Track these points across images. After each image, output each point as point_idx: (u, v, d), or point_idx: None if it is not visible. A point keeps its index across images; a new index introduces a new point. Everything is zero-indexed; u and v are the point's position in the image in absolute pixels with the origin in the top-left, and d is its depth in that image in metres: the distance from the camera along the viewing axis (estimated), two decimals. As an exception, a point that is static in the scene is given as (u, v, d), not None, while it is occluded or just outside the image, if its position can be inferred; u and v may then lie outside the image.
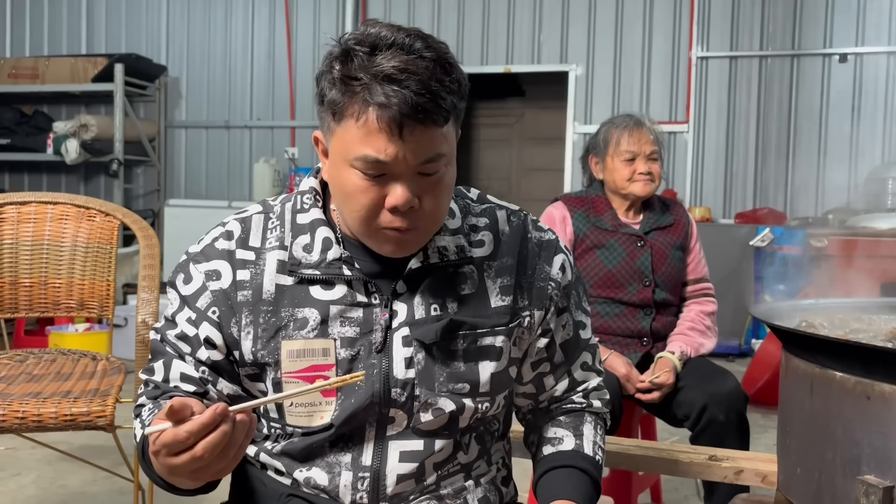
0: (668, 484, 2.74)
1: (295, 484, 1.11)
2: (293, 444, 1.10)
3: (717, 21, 5.88)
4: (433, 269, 1.08)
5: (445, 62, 0.98)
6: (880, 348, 1.11)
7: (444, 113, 0.97)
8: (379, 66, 0.95)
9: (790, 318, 1.38)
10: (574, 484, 1.13)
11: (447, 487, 1.11)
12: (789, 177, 5.81)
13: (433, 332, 1.06)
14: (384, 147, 0.96)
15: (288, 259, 1.08)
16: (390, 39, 0.96)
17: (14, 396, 1.79)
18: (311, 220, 1.10)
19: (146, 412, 1.09)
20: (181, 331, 1.09)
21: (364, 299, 1.07)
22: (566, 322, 1.17)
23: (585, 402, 1.22)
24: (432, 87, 0.95)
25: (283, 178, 6.58)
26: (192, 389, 1.08)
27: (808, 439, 1.21)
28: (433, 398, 1.07)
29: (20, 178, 7.37)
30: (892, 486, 1.06)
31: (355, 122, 0.96)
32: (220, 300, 1.08)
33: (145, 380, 1.11)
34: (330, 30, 6.66)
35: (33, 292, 2.18)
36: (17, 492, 2.65)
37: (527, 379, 1.19)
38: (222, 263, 1.10)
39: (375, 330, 1.07)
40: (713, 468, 1.54)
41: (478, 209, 1.15)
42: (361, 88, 0.95)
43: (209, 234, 1.14)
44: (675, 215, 2.33)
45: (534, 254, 1.14)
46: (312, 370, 1.06)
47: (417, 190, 1.00)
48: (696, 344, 2.20)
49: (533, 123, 7.55)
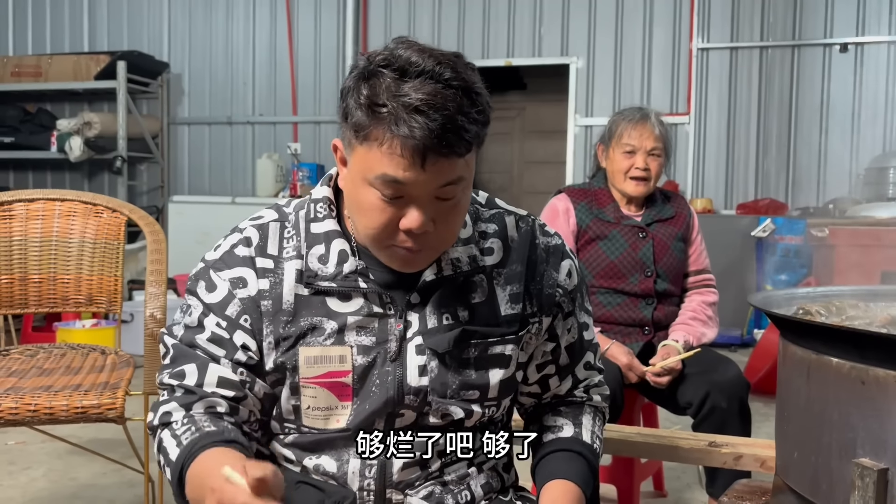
0: (671, 472, 2.77)
1: (304, 471, 1.13)
2: (304, 436, 1.13)
3: (718, 12, 5.88)
4: (445, 280, 1.10)
5: (472, 91, 0.98)
6: (875, 334, 1.14)
7: (466, 145, 0.98)
8: (406, 97, 0.95)
9: (788, 306, 1.41)
10: (572, 466, 1.16)
11: (451, 474, 1.14)
12: (790, 167, 5.82)
13: (446, 341, 1.09)
14: (404, 173, 0.97)
15: (304, 270, 1.09)
16: (420, 66, 0.96)
17: (26, 390, 1.82)
18: (325, 231, 1.11)
19: (179, 426, 1.05)
20: (213, 334, 1.09)
21: (379, 310, 1.09)
22: (571, 326, 1.20)
23: (586, 396, 1.25)
24: (458, 120, 0.96)
25: (285, 173, 6.60)
26: (230, 395, 1.08)
27: (804, 424, 1.24)
28: (444, 406, 1.10)
29: (24, 176, 7.41)
30: (887, 468, 1.08)
31: (378, 146, 0.97)
32: (249, 307, 1.09)
33: (174, 384, 1.08)
34: (331, 23, 6.68)
35: (42, 288, 2.21)
36: (28, 485, 2.69)
37: (532, 380, 1.22)
38: (246, 271, 1.10)
39: (390, 340, 1.09)
40: (713, 454, 1.56)
41: (486, 214, 1.16)
42: (388, 115, 0.95)
43: (226, 239, 1.13)
44: (677, 207, 2.35)
45: (542, 260, 1.16)
46: (329, 376, 1.09)
47: (433, 213, 1.01)
48: (698, 333, 2.22)
49: (534, 116, 7.56)
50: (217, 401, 1.07)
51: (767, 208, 5.44)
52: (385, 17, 6.53)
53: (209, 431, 1.03)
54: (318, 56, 6.78)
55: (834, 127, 5.70)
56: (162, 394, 1.11)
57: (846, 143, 5.69)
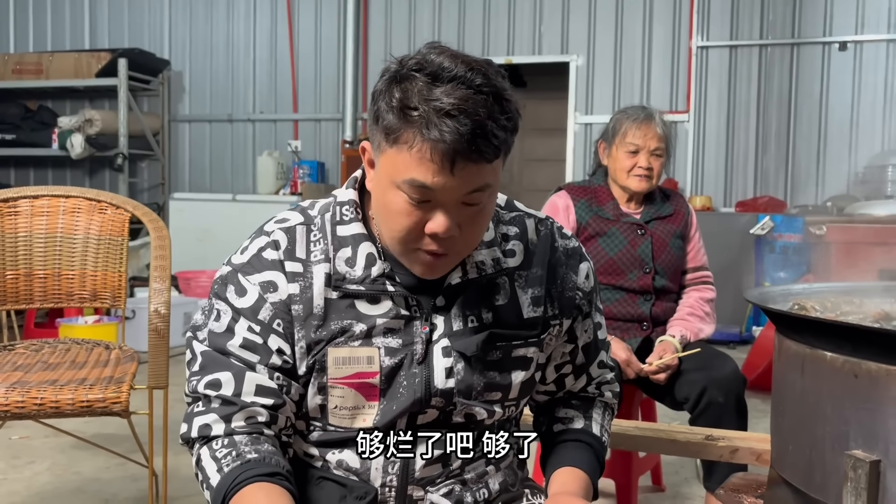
0: (669, 467, 2.79)
1: (326, 465, 1.14)
2: (330, 434, 1.14)
3: (717, 10, 5.90)
4: (470, 283, 1.12)
5: (502, 98, 0.99)
6: (867, 328, 1.16)
7: (495, 150, 0.99)
8: (438, 101, 0.96)
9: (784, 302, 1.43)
10: (581, 455, 1.19)
11: (471, 472, 1.16)
12: (789, 165, 5.84)
13: (474, 344, 1.10)
14: (433, 177, 0.98)
15: (332, 273, 1.10)
16: (452, 71, 0.97)
17: (32, 384, 1.84)
18: (352, 234, 1.11)
19: (220, 447, 1.06)
20: (245, 339, 1.09)
21: (406, 313, 1.11)
22: (588, 327, 1.23)
23: (598, 392, 1.28)
24: (487, 126, 0.97)
25: (286, 170, 6.62)
26: (269, 403, 1.08)
27: (799, 417, 1.26)
28: (470, 406, 1.12)
29: (26, 174, 7.43)
30: (879, 460, 1.10)
31: (409, 150, 0.98)
32: (281, 311, 1.09)
33: (210, 395, 1.08)
34: (331, 21, 6.70)
35: (47, 283, 2.24)
36: (32, 479, 2.71)
37: (549, 380, 1.25)
38: (276, 274, 1.10)
39: (416, 342, 1.11)
40: (709, 447, 1.59)
41: (507, 217, 1.18)
42: (418, 119, 0.96)
43: (253, 242, 1.13)
44: (675, 205, 2.38)
45: (561, 263, 1.18)
46: (357, 377, 1.10)
47: (459, 219, 1.02)
48: (696, 329, 2.25)
49: (534, 114, 7.57)
50: (257, 410, 1.07)
51: (766, 206, 5.46)
52: (386, 14, 6.54)
53: (251, 460, 1.04)
54: (319, 53, 6.80)
55: (833, 125, 5.72)
56: (195, 404, 1.10)
57: (845, 141, 5.71)
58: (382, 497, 1.13)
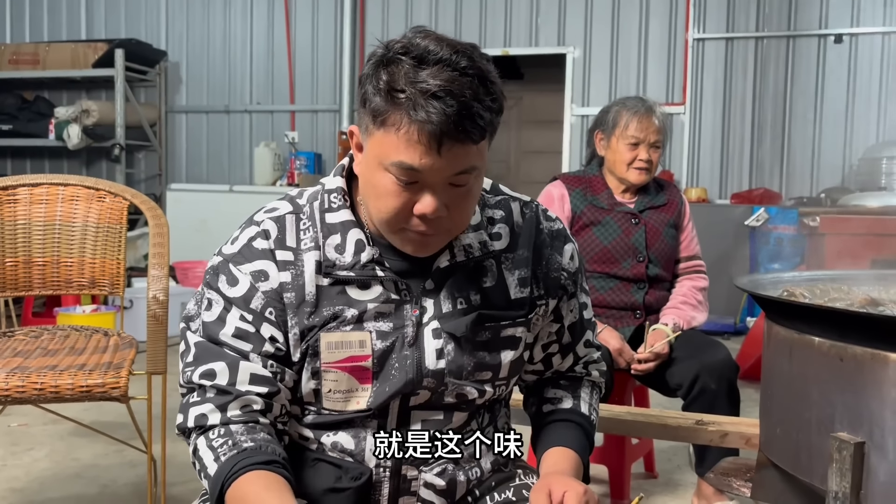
0: (661, 454, 2.82)
1: (320, 447, 1.16)
2: (324, 417, 1.16)
3: (714, 3, 5.91)
4: (458, 266, 1.14)
5: (487, 80, 1.02)
6: (853, 313, 1.19)
7: (481, 131, 1.02)
8: (424, 83, 0.98)
9: (774, 289, 1.46)
10: (571, 434, 1.22)
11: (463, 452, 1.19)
12: (785, 157, 5.87)
13: (463, 325, 1.13)
14: (420, 158, 1.00)
15: (322, 260, 1.12)
16: (437, 54, 0.99)
17: (32, 369, 1.86)
18: (341, 221, 1.13)
19: (216, 437, 1.07)
20: (237, 329, 1.10)
21: (396, 297, 1.13)
22: (574, 306, 1.25)
23: (585, 371, 1.31)
24: (473, 107, 0.99)
25: (283, 161, 6.63)
26: (264, 391, 1.09)
27: (787, 401, 1.29)
28: (461, 386, 1.15)
29: (22, 164, 7.42)
30: (863, 441, 1.13)
31: (396, 131, 1.00)
32: (273, 300, 1.10)
33: (205, 384, 1.09)
34: (328, 12, 6.70)
35: (46, 271, 2.25)
36: (31, 465, 2.73)
37: (537, 359, 1.28)
38: (267, 263, 1.11)
39: (407, 325, 1.13)
40: (700, 432, 1.61)
41: (493, 201, 1.21)
42: (405, 101, 0.98)
43: (243, 232, 1.14)
44: (669, 195, 2.40)
45: (546, 244, 1.21)
46: (350, 361, 1.12)
47: (447, 199, 1.04)
48: (688, 317, 2.28)
49: (531, 106, 7.59)
50: (252, 398, 1.09)
51: (761, 198, 5.49)
52: (382, 5, 6.54)
53: (247, 448, 1.06)
54: (316, 45, 6.80)
55: (828, 117, 5.75)
56: (190, 394, 1.11)
57: (840, 133, 5.73)
58: (377, 477, 1.15)
